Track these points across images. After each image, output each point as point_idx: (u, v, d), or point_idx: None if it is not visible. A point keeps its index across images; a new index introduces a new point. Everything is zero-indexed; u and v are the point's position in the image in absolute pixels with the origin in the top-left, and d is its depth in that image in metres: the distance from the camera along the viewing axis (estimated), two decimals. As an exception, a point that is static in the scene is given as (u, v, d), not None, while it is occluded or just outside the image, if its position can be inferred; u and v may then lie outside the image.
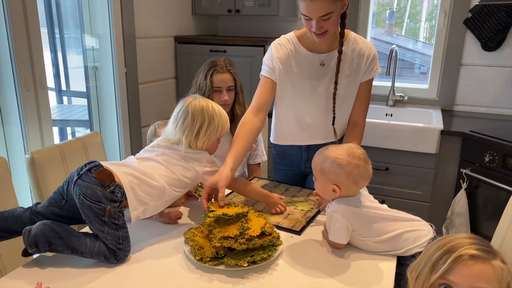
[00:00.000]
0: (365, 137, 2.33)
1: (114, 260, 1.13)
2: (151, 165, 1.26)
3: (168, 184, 1.24)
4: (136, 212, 1.18)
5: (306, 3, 1.34)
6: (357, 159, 1.18)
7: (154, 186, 1.21)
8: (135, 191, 1.18)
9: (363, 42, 1.55)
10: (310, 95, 1.57)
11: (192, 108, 1.29)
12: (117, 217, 1.14)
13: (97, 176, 1.13)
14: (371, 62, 1.55)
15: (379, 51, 3.10)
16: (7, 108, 1.81)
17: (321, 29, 1.39)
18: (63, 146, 1.56)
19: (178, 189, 1.28)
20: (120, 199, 1.15)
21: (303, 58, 1.54)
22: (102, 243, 1.12)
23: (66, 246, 1.11)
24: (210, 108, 1.31)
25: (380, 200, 1.32)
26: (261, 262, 1.11)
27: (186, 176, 1.28)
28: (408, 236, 1.17)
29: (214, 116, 1.31)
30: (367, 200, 1.23)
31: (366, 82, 1.59)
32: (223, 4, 2.92)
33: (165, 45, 2.80)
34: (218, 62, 1.76)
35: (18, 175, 1.86)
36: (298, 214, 1.43)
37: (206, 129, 1.29)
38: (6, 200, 1.32)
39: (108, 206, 1.12)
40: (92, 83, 2.40)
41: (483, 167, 2.08)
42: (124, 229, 1.16)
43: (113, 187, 1.14)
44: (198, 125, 1.28)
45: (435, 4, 2.84)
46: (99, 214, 1.12)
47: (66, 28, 2.58)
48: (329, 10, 1.34)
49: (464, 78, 2.66)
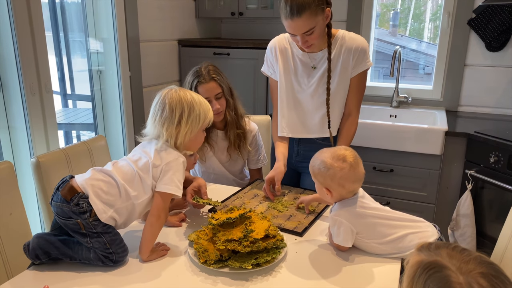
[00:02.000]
0: (370, 138, 2.35)
1: (111, 263, 1.13)
2: (120, 165, 1.20)
3: (126, 182, 1.16)
4: (105, 215, 1.12)
5: (288, 22, 1.44)
6: (340, 162, 1.16)
7: (116, 187, 1.15)
8: (99, 195, 1.13)
9: (350, 38, 1.58)
10: (302, 93, 1.66)
11: (169, 99, 1.21)
12: (93, 227, 1.12)
13: (61, 193, 1.12)
14: (359, 56, 1.58)
15: (383, 52, 3.11)
16: (13, 112, 1.83)
17: (307, 43, 1.49)
18: (68, 149, 1.57)
19: (135, 191, 1.16)
20: (87, 208, 1.11)
21: (296, 57, 1.64)
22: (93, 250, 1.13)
23: (63, 255, 1.13)
24: (189, 97, 1.23)
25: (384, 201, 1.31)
26: (265, 264, 1.11)
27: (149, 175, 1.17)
28: (412, 238, 1.16)
29: (194, 104, 1.22)
30: (370, 201, 1.22)
31: (357, 76, 1.62)
32: (226, 7, 2.93)
33: (169, 48, 2.81)
34: (200, 72, 1.69)
35: (24, 179, 1.87)
36: (300, 216, 1.43)
37: (187, 119, 1.21)
38: (13, 204, 1.33)
39: (78, 220, 1.11)
40: (97, 87, 2.42)
41: (488, 168, 2.07)
42: (108, 233, 1.13)
43: (76, 199, 1.11)
44: (178, 115, 1.20)
45: (439, 5, 2.83)
46: (76, 228, 1.12)
47: (70, 32, 2.60)
48: (311, 26, 1.43)
49: (469, 79, 2.65)
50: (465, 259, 0.66)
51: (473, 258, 0.67)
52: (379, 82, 3.02)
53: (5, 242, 1.27)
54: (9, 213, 1.31)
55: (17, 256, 1.29)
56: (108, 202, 1.14)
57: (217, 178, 1.84)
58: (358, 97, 1.66)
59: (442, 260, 0.67)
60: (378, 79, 3.10)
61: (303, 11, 1.39)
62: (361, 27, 2.82)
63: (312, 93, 1.64)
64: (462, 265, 0.65)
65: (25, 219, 1.37)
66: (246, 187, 1.69)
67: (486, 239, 2.12)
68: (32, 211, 1.89)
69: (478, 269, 0.64)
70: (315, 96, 1.64)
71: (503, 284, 0.63)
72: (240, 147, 1.80)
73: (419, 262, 0.69)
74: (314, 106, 1.66)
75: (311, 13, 1.40)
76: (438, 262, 0.67)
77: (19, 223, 1.35)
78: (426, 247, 0.72)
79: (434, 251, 0.70)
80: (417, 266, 0.69)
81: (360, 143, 2.30)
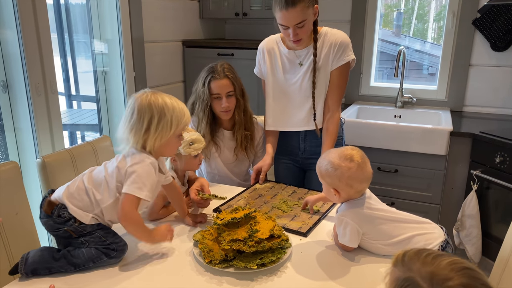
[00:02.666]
0: (374, 138, 2.34)
1: (114, 253, 1.14)
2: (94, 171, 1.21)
3: (93, 186, 1.17)
4: (87, 218, 1.15)
5: (282, 13, 1.51)
6: (348, 161, 1.15)
7: (84, 192, 1.17)
8: (75, 204, 1.15)
9: (332, 33, 1.65)
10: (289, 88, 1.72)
11: (138, 104, 1.17)
12: (82, 229, 1.15)
13: (43, 209, 1.16)
14: (339, 50, 1.64)
15: (387, 53, 3.11)
16: (18, 113, 1.84)
17: (297, 36, 1.56)
18: (73, 150, 1.57)
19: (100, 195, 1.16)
20: (69, 216, 1.14)
21: (283, 56, 1.71)
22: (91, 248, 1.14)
23: (67, 265, 1.12)
24: (160, 102, 1.17)
25: (389, 202, 1.31)
26: (270, 264, 1.11)
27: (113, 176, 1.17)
28: (419, 239, 1.15)
29: (165, 110, 1.17)
30: (377, 202, 1.22)
31: (337, 70, 1.66)
32: (230, 8, 2.94)
33: (173, 49, 2.82)
34: (215, 68, 1.71)
35: (29, 179, 1.88)
36: (305, 216, 1.43)
37: (157, 125, 1.16)
38: (18, 204, 1.34)
39: (65, 227, 1.14)
40: (101, 88, 2.43)
41: (493, 168, 2.06)
42: (100, 229, 1.16)
43: (56, 211, 1.15)
44: (146, 121, 1.15)
45: (443, 5, 2.82)
46: (67, 236, 1.15)
47: (75, 33, 2.62)
48: (303, 18, 1.51)
49: (473, 79, 2.64)
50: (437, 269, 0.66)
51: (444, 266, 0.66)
52: (383, 83, 3.01)
53: (11, 242, 1.28)
54: (15, 213, 1.31)
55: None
56: (84, 208, 1.16)
57: (222, 179, 1.84)
58: (337, 92, 1.69)
59: (415, 276, 0.67)
60: (382, 79, 3.10)
61: (298, 2, 1.48)
62: (365, 28, 2.82)
63: (298, 88, 1.70)
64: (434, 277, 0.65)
65: (30, 219, 1.38)
66: (250, 187, 1.69)
67: (491, 240, 2.11)
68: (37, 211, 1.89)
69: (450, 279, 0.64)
70: (301, 91, 1.70)
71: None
72: (247, 148, 1.81)
73: (396, 279, 0.70)
74: (301, 101, 1.71)
75: (304, 5, 1.49)
76: (412, 279, 0.67)
77: (25, 223, 1.35)
78: (400, 260, 0.72)
79: (407, 266, 0.70)
80: (394, 285, 0.70)
81: (365, 143, 2.30)
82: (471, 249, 2.13)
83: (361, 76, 2.91)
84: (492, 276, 1.26)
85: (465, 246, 2.15)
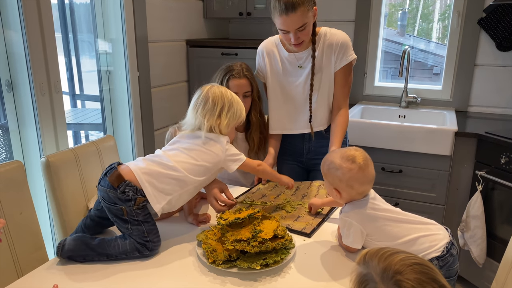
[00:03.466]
0: (379, 138, 2.33)
1: (147, 251, 1.18)
2: (173, 154, 1.27)
3: (188, 171, 1.24)
4: (159, 205, 1.20)
5: (282, 18, 1.49)
6: (349, 163, 1.15)
7: (174, 176, 1.22)
8: (154, 185, 1.19)
9: (331, 34, 1.64)
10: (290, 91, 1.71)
11: (212, 94, 1.32)
12: (135, 214, 1.18)
13: (109, 179, 1.18)
14: (340, 50, 1.62)
15: (391, 52, 3.09)
16: (23, 112, 1.85)
17: (299, 40, 1.54)
18: (77, 149, 1.58)
19: (199, 177, 1.26)
20: (133, 197, 1.17)
21: (283, 58, 1.70)
22: (131, 239, 1.18)
23: (100, 255, 1.17)
24: (229, 94, 1.35)
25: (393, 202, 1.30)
26: (274, 265, 1.11)
27: (206, 160, 1.27)
28: (424, 241, 1.14)
29: (233, 101, 1.34)
30: (381, 203, 1.21)
31: (341, 70, 1.66)
32: (234, 8, 2.94)
33: (177, 49, 2.82)
34: (234, 67, 1.72)
35: (34, 178, 1.89)
36: (309, 216, 1.43)
37: (227, 113, 1.32)
38: (23, 203, 1.34)
39: (123, 206, 1.17)
40: (106, 87, 2.43)
41: (498, 169, 2.04)
42: (148, 222, 1.20)
43: (123, 187, 1.17)
44: (219, 108, 1.31)
45: (448, 4, 2.81)
46: (119, 214, 1.18)
47: (79, 32, 2.62)
48: (304, 22, 1.49)
49: (479, 79, 2.63)
50: (389, 265, 0.69)
51: (396, 262, 0.69)
52: (388, 82, 3.00)
53: (15, 241, 1.28)
54: (19, 212, 1.32)
55: (28, 255, 1.30)
56: (165, 191, 1.21)
57: (231, 182, 1.82)
58: (345, 90, 1.69)
59: (370, 271, 0.71)
60: (386, 79, 3.08)
61: (298, 7, 1.45)
62: (370, 27, 2.81)
63: (300, 91, 1.70)
64: (385, 272, 0.69)
65: (35, 218, 1.38)
66: (254, 187, 1.69)
67: (496, 241, 2.09)
68: (41, 210, 1.90)
69: (398, 274, 0.67)
70: (303, 94, 1.69)
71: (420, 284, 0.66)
72: (259, 151, 1.80)
73: (357, 276, 0.74)
74: (302, 103, 1.71)
75: (304, 9, 1.47)
76: (368, 276, 0.71)
77: (29, 222, 1.36)
78: (362, 258, 0.75)
79: (367, 263, 0.73)
80: (355, 281, 0.73)
81: (369, 143, 2.29)
82: (475, 250, 2.12)
83: (366, 76, 2.90)
84: (497, 278, 1.25)
85: (470, 247, 2.14)
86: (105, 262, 1.17)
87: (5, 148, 1.92)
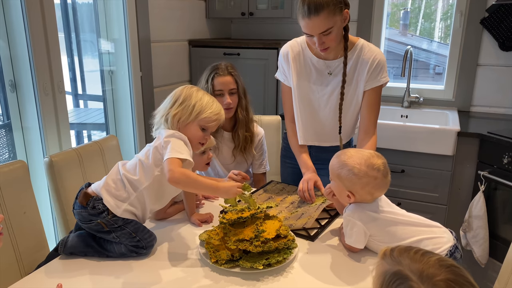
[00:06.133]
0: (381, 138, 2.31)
1: (143, 250, 1.19)
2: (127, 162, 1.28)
3: (126, 171, 1.22)
4: (119, 210, 1.19)
5: (305, 21, 1.39)
6: (375, 171, 1.15)
7: (123, 181, 1.21)
8: (110, 193, 1.20)
9: (369, 50, 1.53)
10: (316, 100, 1.61)
11: (174, 91, 1.30)
12: (113, 222, 1.19)
13: (79, 201, 1.21)
14: (375, 70, 1.53)
15: (394, 52, 3.09)
16: (26, 113, 1.85)
17: (324, 45, 1.43)
18: (80, 149, 1.58)
19: (135, 176, 1.20)
20: (103, 208, 1.18)
21: (310, 63, 1.59)
22: (122, 244, 1.19)
23: (101, 254, 1.19)
24: (192, 90, 1.28)
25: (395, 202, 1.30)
26: (276, 265, 1.11)
27: (141, 154, 1.23)
28: (427, 243, 1.14)
29: (193, 96, 1.26)
30: (386, 204, 1.21)
31: (372, 90, 1.56)
32: (236, 7, 2.94)
33: (180, 49, 2.82)
34: (219, 66, 1.74)
35: (37, 178, 1.90)
36: (311, 209, 1.42)
37: (180, 104, 1.25)
38: (26, 203, 1.35)
39: (98, 220, 1.18)
40: (108, 87, 2.44)
41: (501, 169, 2.04)
42: (130, 223, 1.20)
43: (92, 203, 1.19)
44: (173, 99, 1.27)
45: (450, 4, 2.80)
46: (99, 229, 1.19)
47: (82, 32, 2.63)
48: (328, 26, 1.38)
49: (481, 79, 2.62)
50: (426, 266, 0.68)
51: (433, 263, 0.68)
52: (390, 82, 2.97)
53: (18, 240, 1.29)
54: (22, 212, 1.32)
55: (31, 254, 1.31)
56: (119, 197, 1.20)
57: None
58: (373, 113, 1.59)
59: (404, 269, 0.69)
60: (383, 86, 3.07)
61: (321, 10, 1.35)
62: (372, 27, 2.81)
63: (326, 100, 1.60)
64: (423, 272, 0.67)
65: (38, 218, 1.38)
66: (260, 189, 1.68)
67: (499, 241, 2.09)
68: (45, 210, 1.91)
69: (437, 275, 0.66)
70: (330, 103, 1.60)
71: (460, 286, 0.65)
72: (246, 149, 1.80)
73: (384, 273, 0.71)
74: (329, 113, 1.62)
75: (329, 12, 1.36)
76: (401, 273, 0.69)
77: (33, 222, 1.36)
78: (388, 254, 0.73)
79: (396, 259, 0.71)
80: (382, 278, 0.70)
81: (371, 143, 2.28)
82: (478, 250, 2.11)
83: (368, 76, 2.89)
84: (500, 278, 1.25)
85: (472, 247, 2.14)
86: (108, 261, 1.18)
87: (9, 148, 1.92)
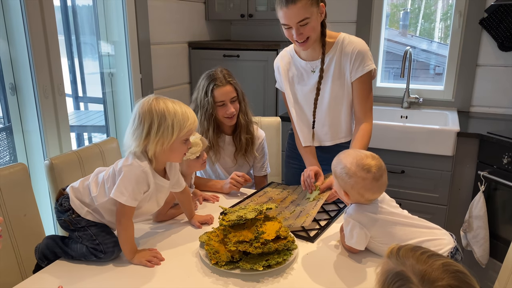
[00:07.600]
0: (381, 139, 2.33)
1: (102, 254, 1.18)
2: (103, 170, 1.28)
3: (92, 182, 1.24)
4: (83, 210, 1.21)
5: (283, 11, 1.44)
6: (364, 172, 1.13)
7: (87, 187, 1.23)
8: (76, 192, 1.23)
9: (350, 42, 1.57)
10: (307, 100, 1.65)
11: (140, 109, 1.17)
12: (77, 222, 1.21)
13: (56, 197, 1.27)
14: (356, 60, 1.55)
15: (393, 53, 3.09)
16: (27, 115, 1.86)
17: (302, 36, 1.48)
18: (80, 152, 1.59)
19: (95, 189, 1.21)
20: (68, 207, 1.21)
21: (300, 67, 1.64)
22: (83, 245, 1.19)
23: (66, 254, 1.21)
24: (161, 107, 1.16)
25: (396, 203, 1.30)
26: (276, 266, 1.11)
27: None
28: (428, 245, 1.12)
29: (166, 115, 1.15)
30: (388, 205, 1.20)
31: (358, 80, 1.58)
32: (236, 9, 2.95)
33: (179, 51, 2.83)
34: (216, 75, 1.71)
35: (37, 181, 1.90)
36: (309, 206, 1.42)
37: (157, 130, 1.15)
38: (27, 205, 1.35)
39: (63, 218, 1.22)
40: (108, 89, 2.44)
41: (501, 169, 2.04)
42: (93, 226, 1.21)
43: (60, 200, 1.24)
44: (146, 126, 1.15)
45: (450, 4, 2.81)
46: (66, 226, 1.23)
47: (82, 35, 2.63)
48: (305, 15, 1.44)
49: (481, 79, 2.62)
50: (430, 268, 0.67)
51: (438, 267, 0.67)
52: (390, 83, 3.00)
53: (19, 243, 1.29)
54: (23, 214, 1.33)
55: (31, 257, 1.31)
56: (83, 202, 1.22)
57: None
58: (364, 102, 1.61)
59: (407, 271, 0.68)
60: (388, 79, 3.08)
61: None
62: (371, 28, 2.81)
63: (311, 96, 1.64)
64: (426, 275, 0.66)
65: (38, 220, 1.39)
66: (260, 191, 1.68)
67: (499, 241, 2.09)
68: (45, 212, 1.91)
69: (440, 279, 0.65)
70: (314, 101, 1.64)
71: None
72: (247, 152, 1.81)
73: (387, 271, 0.70)
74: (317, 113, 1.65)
75: (307, 2, 1.42)
76: (403, 274, 0.68)
77: (33, 224, 1.37)
78: (395, 253, 0.72)
79: (401, 259, 0.70)
80: (385, 276, 0.70)
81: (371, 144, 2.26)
82: (478, 251, 2.11)
83: (367, 77, 2.89)
84: (500, 278, 1.25)
85: (473, 247, 2.14)
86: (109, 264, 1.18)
87: (9, 150, 1.93)
